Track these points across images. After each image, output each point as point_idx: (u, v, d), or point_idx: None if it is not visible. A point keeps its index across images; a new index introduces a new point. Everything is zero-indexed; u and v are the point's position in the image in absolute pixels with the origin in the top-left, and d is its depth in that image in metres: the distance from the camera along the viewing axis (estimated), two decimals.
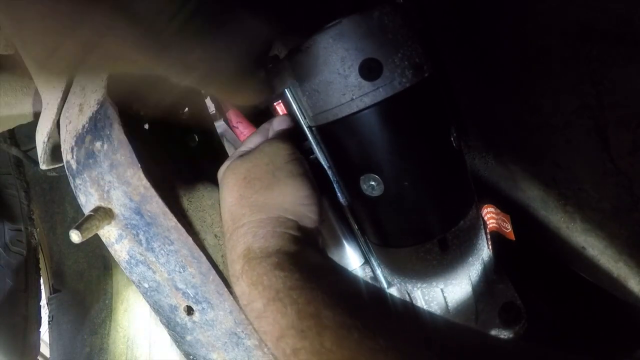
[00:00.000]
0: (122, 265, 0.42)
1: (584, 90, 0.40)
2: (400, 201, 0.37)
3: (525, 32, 0.43)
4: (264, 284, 0.29)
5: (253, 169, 0.35)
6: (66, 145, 0.41)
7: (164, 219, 0.38)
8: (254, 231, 0.33)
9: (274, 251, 0.31)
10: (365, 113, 0.34)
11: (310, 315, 0.27)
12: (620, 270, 0.48)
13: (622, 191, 0.43)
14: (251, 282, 0.30)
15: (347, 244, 0.49)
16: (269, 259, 0.31)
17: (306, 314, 0.27)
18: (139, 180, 0.37)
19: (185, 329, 0.42)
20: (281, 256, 0.31)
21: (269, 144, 0.38)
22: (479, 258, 0.44)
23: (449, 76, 0.53)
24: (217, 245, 0.43)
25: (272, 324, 0.28)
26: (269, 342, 0.28)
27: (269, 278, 0.29)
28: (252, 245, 0.32)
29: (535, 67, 0.44)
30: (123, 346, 1.29)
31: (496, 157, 0.55)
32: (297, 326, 0.26)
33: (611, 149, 0.41)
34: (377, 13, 0.33)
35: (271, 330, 0.28)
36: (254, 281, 0.30)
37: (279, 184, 0.35)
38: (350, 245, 0.49)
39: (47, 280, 1.27)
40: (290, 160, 0.36)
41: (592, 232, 0.48)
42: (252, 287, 0.30)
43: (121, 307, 1.31)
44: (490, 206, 0.51)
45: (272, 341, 0.28)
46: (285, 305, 0.27)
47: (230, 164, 0.38)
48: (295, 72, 0.36)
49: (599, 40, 0.37)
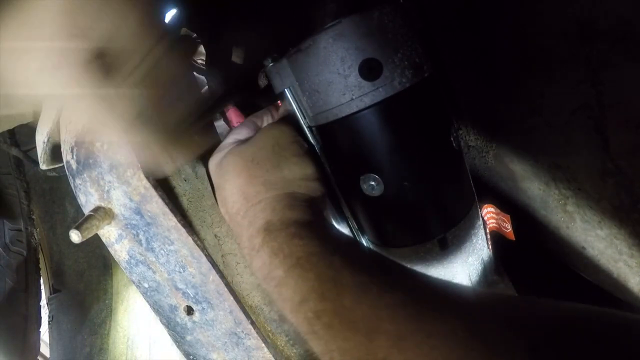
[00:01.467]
0: (122, 265, 0.42)
1: (584, 90, 0.40)
2: (400, 201, 0.37)
3: (525, 32, 0.43)
4: (284, 252, 0.30)
5: (260, 151, 0.37)
6: (66, 145, 0.41)
7: (164, 219, 0.38)
8: (273, 206, 0.34)
9: (291, 222, 0.32)
10: (365, 113, 0.34)
11: (330, 278, 0.27)
12: (620, 270, 0.48)
13: (622, 191, 0.43)
14: (272, 252, 0.31)
15: None
16: (288, 229, 0.32)
17: (326, 277, 0.28)
18: (139, 180, 0.37)
19: (185, 329, 0.42)
20: (300, 226, 0.32)
21: (272, 128, 0.39)
22: (479, 258, 0.44)
23: (449, 76, 0.53)
24: (217, 245, 0.43)
25: (293, 289, 0.29)
26: (289, 309, 0.29)
27: (289, 246, 0.30)
28: (272, 219, 0.33)
29: (535, 67, 0.44)
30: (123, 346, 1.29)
31: (496, 157, 0.55)
32: (318, 289, 0.27)
33: (611, 149, 0.41)
34: (377, 13, 0.33)
35: (292, 296, 0.29)
36: (275, 251, 0.31)
37: (288, 163, 0.36)
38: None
39: (47, 280, 1.27)
40: (294, 141, 0.38)
41: (592, 232, 0.48)
42: (273, 256, 0.31)
43: (121, 307, 1.31)
44: (490, 206, 0.51)
45: (293, 307, 0.29)
46: (307, 270, 0.28)
47: (232, 150, 0.38)
48: (295, 72, 0.36)
49: (599, 40, 0.37)
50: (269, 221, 0.33)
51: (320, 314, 0.27)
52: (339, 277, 0.27)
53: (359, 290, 0.26)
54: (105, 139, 0.36)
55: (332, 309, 0.26)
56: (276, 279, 0.30)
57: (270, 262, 0.31)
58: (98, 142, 0.38)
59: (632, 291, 0.48)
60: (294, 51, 0.35)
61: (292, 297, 0.29)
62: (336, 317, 0.26)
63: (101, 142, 0.38)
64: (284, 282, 0.30)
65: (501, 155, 0.54)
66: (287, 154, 0.37)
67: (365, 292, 0.26)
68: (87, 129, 0.37)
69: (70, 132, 0.41)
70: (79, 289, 1.29)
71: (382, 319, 0.24)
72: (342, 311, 0.26)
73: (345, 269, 0.28)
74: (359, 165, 0.37)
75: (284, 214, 0.33)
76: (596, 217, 0.47)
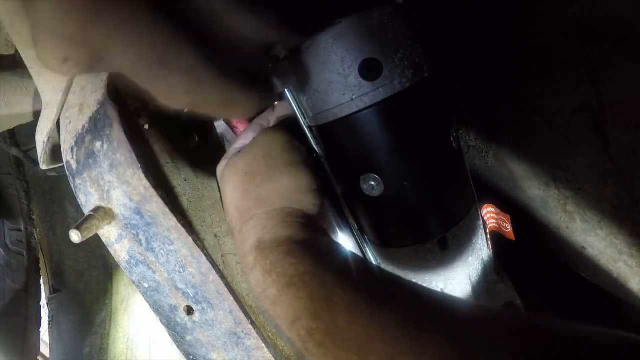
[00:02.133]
0: (122, 265, 0.42)
1: (584, 90, 0.40)
2: (400, 201, 0.37)
3: (525, 32, 0.43)
4: (277, 271, 0.30)
5: (252, 162, 0.36)
6: (66, 145, 0.41)
7: (164, 219, 0.38)
8: (263, 224, 0.34)
9: (284, 240, 0.32)
10: (365, 113, 0.34)
11: (322, 297, 0.28)
12: (620, 270, 0.48)
13: (622, 191, 0.43)
14: (265, 271, 0.31)
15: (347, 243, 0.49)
16: (280, 247, 0.32)
17: (318, 296, 0.28)
18: (139, 180, 0.37)
19: (185, 329, 0.42)
20: (291, 244, 0.32)
21: (264, 135, 0.38)
22: (479, 258, 0.44)
23: (449, 76, 0.53)
24: (217, 245, 0.43)
25: (287, 308, 0.29)
26: (285, 326, 0.29)
27: (282, 265, 0.30)
28: (262, 237, 0.33)
29: (535, 67, 0.44)
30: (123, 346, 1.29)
31: (496, 157, 0.55)
32: (311, 308, 0.28)
33: (611, 149, 0.41)
34: (377, 13, 0.33)
35: (286, 314, 0.29)
36: (267, 270, 0.31)
37: (279, 175, 0.35)
38: (349, 244, 0.49)
39: (47, 280, 1.27)
40: (286, 149, 0.37)
41: (592, 232, 0.48)
42: (266, 275, 0.31)
43: (121, 307, 1.31)
44: (490, 206, 0.51)
45: (287, 325, 0.29)
46: (299, 289, 0.29)
47: (229, 160, 0.38)
48: (295, 72, 0.36)
49: (599, 40, 0.37)
50: (260, 239, 0.33)
51: (312, 332, 0.27)
52: (331, 296, 0.27)
53: (351, 309, 0.26)
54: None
55: (325, 327, 0.26)
56: (270, 297, 0.30)
57: (264, 281, 0.31)
58: (98, 142, 0.38)
59: (632, 291, 0.48)
60: (294, 51, 0.35)
61: (286, 316, 0.29)
62: (328, 335, 0.26)
63: (101, 141, 0.38)
64: (278, 300, 0.30)
65: (501, 155, 0.54)
66: (279, 164, 0.36)
67: (357, 311, 0.26)
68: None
69: (70, 132, 0.41)
70: (79, 289, 1.29)
71: (373, 339, 0.25)
72: (334, 330, 0.26)
73: (337, 287, 0.28)
74: (359, 165, 0.37)
75: (276, 231, 0.33)
76: (596, 217, 0.47)
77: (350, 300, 0.27)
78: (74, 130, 0.41)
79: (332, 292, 0.28)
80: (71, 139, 0.41)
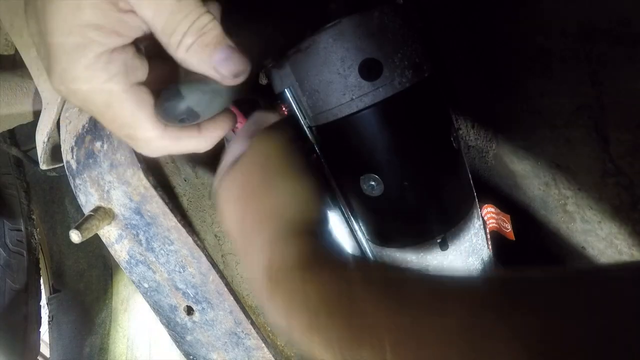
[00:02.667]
0: (122, 265, 0.42)
1: (584, 90, 0.40)
2: (400, 201, 0.37)
3: (525, 32, 0.43)
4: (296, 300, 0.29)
5: (248, 179, 0.35)
6: (66, 145, 0.41)
7: (164, 219, 0.38)
8: (270, 248, 0.32)
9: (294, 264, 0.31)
10: (365, 113, 0.34)
11: (359, 324, 0.26)
12: None
13: (622, 191, 0.43)
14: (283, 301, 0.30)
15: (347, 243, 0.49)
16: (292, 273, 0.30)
17: (351, 323, 0.26)
18: (139, 180, 0.37)
19: (185, 329, 0.42)
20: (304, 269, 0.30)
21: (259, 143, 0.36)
22: (479, 258, 0.44)
23: (449, 76, 0.53)
24: (217, 245, 0.43)
25: (326, 342, 0.27)
26: (319, 353, 0.28)
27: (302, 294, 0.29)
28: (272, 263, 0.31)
29: (535, 67, 0.44)
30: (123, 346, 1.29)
31: (496, 157, 0.55)
32: (350, 336, 0.26)
33: (611, 149, 0.41)
34: (377, 13, 0.33)
35: (320, 341, 0.27)
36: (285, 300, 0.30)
37: (277, 189, 0.34)
38: (350, 245, 0.49)
39: (47, 280, 1.27)
40: (282, 155, 0.35)
41: (592, 232, 0.48)
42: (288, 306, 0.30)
43: (121, 307, 1.31)
44: (490, 206, 0.51)
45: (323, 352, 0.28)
46: (328, 316, 0.27)
47: (224, 177, 0.36)
48: (295, 72, 0.36)
49: (599, 40, 0.37)
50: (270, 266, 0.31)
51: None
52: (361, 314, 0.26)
53: (387, 326, 0.25)
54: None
55: (371, 354, 0.25)
56: (304, 334, 0.29)
57: (286, 315, 0.30)
58: (98, 141, 0.38)
59: None
60: (293, 51, 0.35)
61: (319, 342, 0.28)
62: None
63: (101, 141, 0.38)
64: (311, 339, 0.28)
65: (501, 155, 0.54)
66: (275, 176, 0.34)
67: (399, 323, 0.25)
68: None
69: (70, 132, 0.41)
70: (79, 289, 1.29)
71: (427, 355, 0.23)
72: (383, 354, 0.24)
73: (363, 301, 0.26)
74: (359, 165, 0.37)
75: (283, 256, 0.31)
76: (596, 217, 0.47)
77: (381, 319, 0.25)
78: (74, 130, 0.41)
79: (366, 313, 0.26)
80: (71, 139, 0.41)
